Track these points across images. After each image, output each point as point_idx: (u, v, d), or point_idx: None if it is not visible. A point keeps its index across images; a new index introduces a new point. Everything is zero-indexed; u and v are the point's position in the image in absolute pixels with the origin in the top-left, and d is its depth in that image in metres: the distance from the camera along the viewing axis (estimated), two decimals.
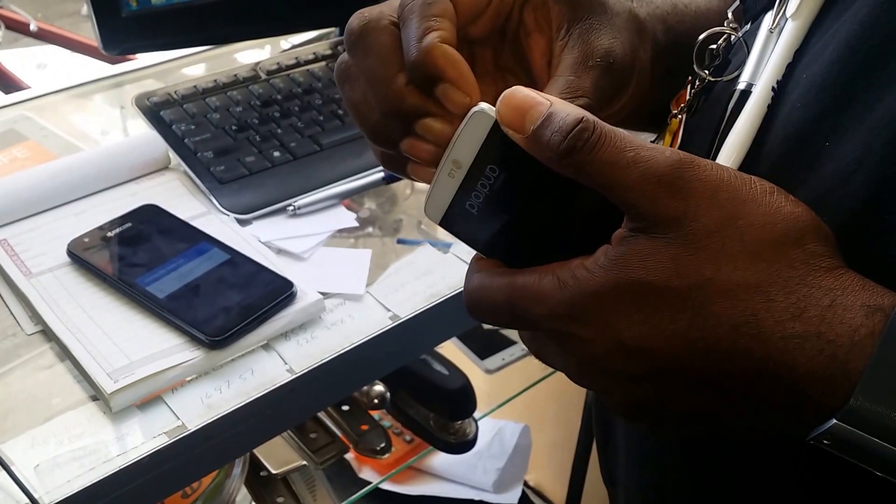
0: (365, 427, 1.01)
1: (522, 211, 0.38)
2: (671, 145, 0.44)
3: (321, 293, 0.67)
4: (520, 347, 1.28)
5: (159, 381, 0.60)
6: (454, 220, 0.39)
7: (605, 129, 0.34)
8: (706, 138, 0.42)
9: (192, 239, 0.71)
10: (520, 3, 0.43)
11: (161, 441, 0.56)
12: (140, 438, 0.57)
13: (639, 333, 0.34)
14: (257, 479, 0.91)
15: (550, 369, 1.35)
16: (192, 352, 0.61)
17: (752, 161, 0.39)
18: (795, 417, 0.33)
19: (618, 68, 0.41)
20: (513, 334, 1.30)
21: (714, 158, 0.40)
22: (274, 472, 0.85)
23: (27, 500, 0.51)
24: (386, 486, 1.14)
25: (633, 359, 0.34)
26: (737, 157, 0.39)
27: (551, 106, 0.35)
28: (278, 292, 0.66)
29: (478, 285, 0.38)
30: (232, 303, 0.64)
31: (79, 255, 0.68)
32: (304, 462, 0.88)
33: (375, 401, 1.02)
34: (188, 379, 0.61)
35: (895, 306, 0.32)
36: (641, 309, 0.34)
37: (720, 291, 0.33)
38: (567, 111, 0.35)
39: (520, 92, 0.36)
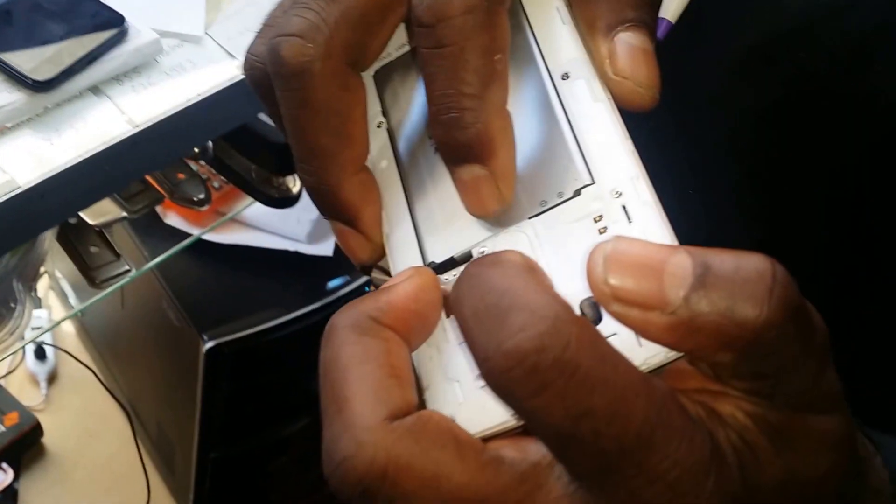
0: (182, 176, 0.94)
1: None
2: None
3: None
4: None
5: None
6: None
7: None
8: None
9: None
10: None
11: None
12: None
13: None
14: (68, 227, 0.84)
15: None
16: (12, 94, 0.53)
17: None
18: None
19: None
20: None
21: None
22: (92, 223, 0.78)
23: None
24: (195, 233, 1.10)
25: None
26: None
27: (685, 250, 0.19)
28: (107, 26, 0.57)
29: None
30: (53, 37, 0.55)
31: None
32: (125, 214, 0.82)
33: (195, 150, 0.95)
34: (10, 125, 0.53)
35: None
36: None
37: None
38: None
39: (631, 241, 0.19)
